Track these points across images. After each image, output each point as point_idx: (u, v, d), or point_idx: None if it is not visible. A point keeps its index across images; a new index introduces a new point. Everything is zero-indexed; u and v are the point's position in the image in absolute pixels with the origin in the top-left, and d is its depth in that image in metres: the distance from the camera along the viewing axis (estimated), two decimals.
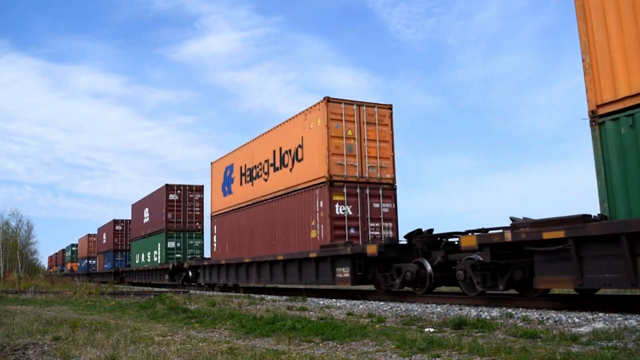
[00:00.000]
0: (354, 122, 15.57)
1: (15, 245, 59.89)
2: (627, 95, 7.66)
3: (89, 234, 58.67)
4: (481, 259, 10.16)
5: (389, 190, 15.71)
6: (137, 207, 37.01)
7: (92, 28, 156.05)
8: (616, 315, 7.85)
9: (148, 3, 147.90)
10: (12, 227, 63.06)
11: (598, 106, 8.15)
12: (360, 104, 15.77)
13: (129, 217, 40.82)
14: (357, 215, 15.08)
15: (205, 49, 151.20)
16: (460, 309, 9.78)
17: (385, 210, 15.50)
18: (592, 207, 8.44)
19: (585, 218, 8.09)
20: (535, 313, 8.52)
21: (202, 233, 30.89)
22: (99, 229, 52.96)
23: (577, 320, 7.58)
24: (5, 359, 6.35)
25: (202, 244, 30.67)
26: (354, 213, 15.07)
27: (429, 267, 12.14)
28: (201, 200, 30.80)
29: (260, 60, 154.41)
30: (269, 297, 16.36)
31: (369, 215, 15.24)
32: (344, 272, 13.89)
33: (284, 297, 15.42)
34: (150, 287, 29.21)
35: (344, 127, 15.41)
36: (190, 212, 30.66)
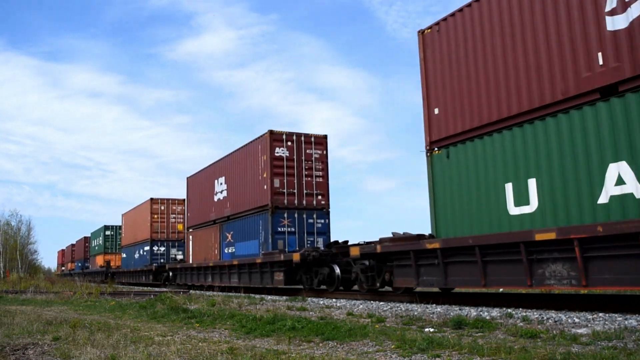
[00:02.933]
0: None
1: (15, 245, 59.86)
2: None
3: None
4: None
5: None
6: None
7: (87, 26, 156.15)
8: (616, 315, 7.86)
9: (143, 1, 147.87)
10: (13, 227, 63.04)
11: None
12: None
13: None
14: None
15: (201, 47, 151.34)
16: (460, 309, 9.78)
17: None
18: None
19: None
20: (535, 313, 8.53)
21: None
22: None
23: (577, 320, 7.58)
24: (5, 359, 6.36)
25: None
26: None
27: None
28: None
29: (256, 58, 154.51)
30: (269, 297, 16.37)
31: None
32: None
33: (284, 297, 15.43)
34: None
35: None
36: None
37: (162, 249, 34.27)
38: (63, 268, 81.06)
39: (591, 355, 4.86)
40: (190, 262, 26.23)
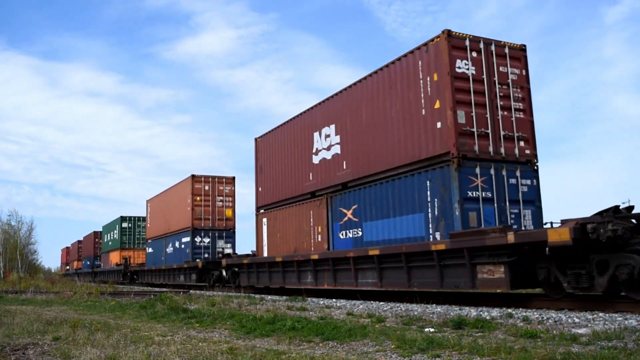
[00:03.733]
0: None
1: (15, 245, 59.82)
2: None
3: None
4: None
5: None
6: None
7: (85, 25, 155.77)
8: (616, 315, 7.86)
9: (141, 0, 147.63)
10: (13, 227, 63.01)
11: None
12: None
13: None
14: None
15: (200, 46, 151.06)
16: (460, 309, 9.78)
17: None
18: (592, 206, 8.61)
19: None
20: (535, 313, 8.53)
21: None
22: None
23: (577, 320, 7.58)
24: (5, 359, 6.35)
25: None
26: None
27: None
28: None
29: (256, 58, 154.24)
30: (269, 297, 16.37)
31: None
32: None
33: (284, 297, 15.43)
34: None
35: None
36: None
37: (207, 240, 26.59)
38: (68, 267, 72.96)
39: (591, 355, 4.86)
40: (265, 254, 18.87)
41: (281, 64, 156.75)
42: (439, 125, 11.54)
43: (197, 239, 26.39)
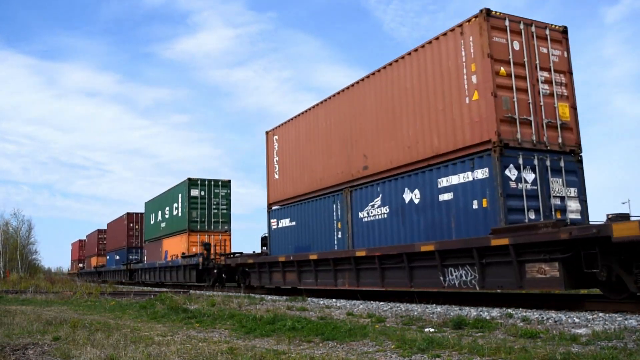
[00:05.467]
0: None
1: (15, 245, 59.79)
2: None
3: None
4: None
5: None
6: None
7: (82, 24, 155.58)
8: (616, 315, 7.86)
9: None
10: (13, 227, 62.98)
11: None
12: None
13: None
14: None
15: (198, 45, 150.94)
16: (460, 309, 9.78)
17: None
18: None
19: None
20: (535, 313, 8.52)
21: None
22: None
23: (577, 320, 7.58)
24: (5, 359, 6.36)
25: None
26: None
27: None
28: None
29: (254, 57, 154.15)
30: (269, 297, 16.37)
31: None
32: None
33: (284, 297, 15.43)
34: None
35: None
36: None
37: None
38: (82, 265, 60.23)
39: (591, 355, 4.86)
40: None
41: (279, 63, 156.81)
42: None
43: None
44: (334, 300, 13.85)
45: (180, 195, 28.37)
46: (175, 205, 29.05)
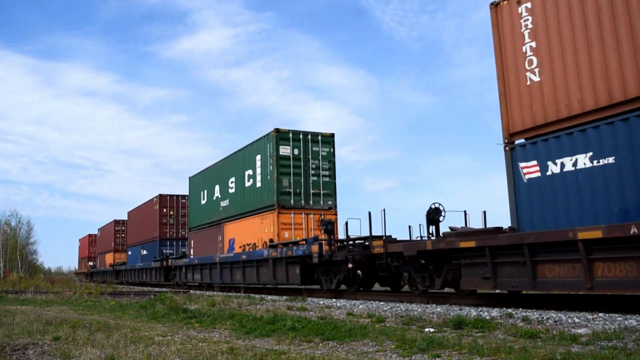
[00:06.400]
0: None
1: (15, 245, 59.81)
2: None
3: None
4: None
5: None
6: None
7: (80, 24, 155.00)
8: (616, 315, 7.86)
9: None
10: (12, 227, 63.00)
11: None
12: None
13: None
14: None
15: (196, 45, 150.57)
16: (460, 309, 9.78)
17: None
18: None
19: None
20: (535, 313, 8.53)
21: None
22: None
23: (577, 320, 7.59)
24: (5, 359, 6.36)
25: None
26: None
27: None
28: None
29: (253, 57, 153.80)
30: (269, 297, 16.37)
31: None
32: None
33: (284, 297, 15.43)
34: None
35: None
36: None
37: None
38: (91, 263, 52.69)
39: (591, 355, 4.86)
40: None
41: (278, 63, 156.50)
42: None
43: None
44: (334, 300, 13.86)
45: (260, 156, 19.14)
46: (249, 172, 20.04)
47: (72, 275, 58.01)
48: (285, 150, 18.19)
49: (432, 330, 7.28)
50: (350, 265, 14.05)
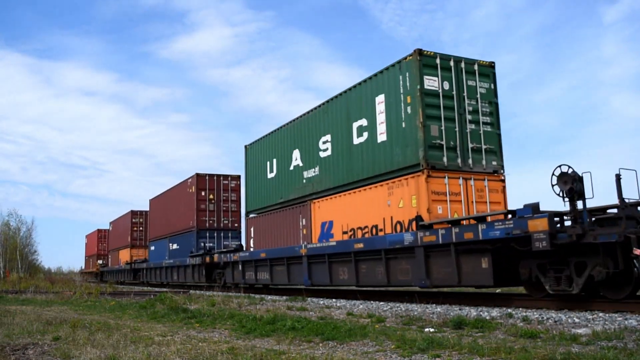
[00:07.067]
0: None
1: (15, 245, 59.74)
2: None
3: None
4: None
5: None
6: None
7: (79, 23, 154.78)
8: (616, 315, 7.86)
9: None
10: (12, 227, 62.90)
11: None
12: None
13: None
14: None
15: (196, 45, 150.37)
16: (460, 309, 9.78)
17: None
18: None
19: None
20: (535, 313, 8.53)
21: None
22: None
23: (577, 320, 7.59)
24: (5, 359, 6.36)
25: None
26: None
27: None
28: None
29: (252, 56, 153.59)
30: (269, 297, 16.37)
31: None
32: None
33: (284, 297, 15.43)
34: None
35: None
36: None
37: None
38: (101, 261, 47.12)
39: (591, 355, 4.86)
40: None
41: (278, 62, 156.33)
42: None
43: None
44: (334, 300, 13.86)
45: (384, 96, 13.46)
46: (360, 123, 14.18)
47: (72, 275, 57.83)
48: (432, 82, 12.42)
49: (432, 330, 7.28)
50: (638, 252, 7.98)
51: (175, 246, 27.85)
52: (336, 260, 14.26)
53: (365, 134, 13.91)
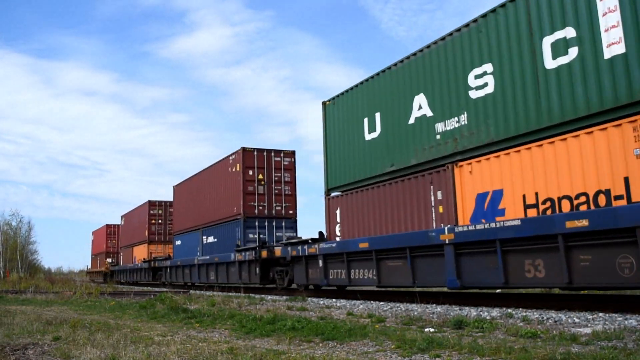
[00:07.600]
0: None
1: (15, 245, 59.78)
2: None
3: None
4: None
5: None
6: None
7: (79, 23, 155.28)
8: (616, 315, 7.86)
9: None
10: (13, 227, 62.95)
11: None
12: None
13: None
14: None
15: (195, 44, 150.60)
16: (460, 309, 9.79)
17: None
18: None
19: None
20: (535, 313, 8.53)
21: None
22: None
23: (577, 320, 7.59)
24: (5, 359, 6.36)
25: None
26: None
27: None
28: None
29: (252, 56, 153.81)
30: (269, 297, 16.36)
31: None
32: None
33: (284, 297, 15.42)
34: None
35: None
36: None
37: None
38: (110, 260, 42.36)
39: (591, 355, 4.86)
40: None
41: (277, 62, 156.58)
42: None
43: None
44: (334, 300, 13.85)
45: None
46: (564, 34, 9.22)
47: (72, 276, 57.81)
48: None
49: (432, 330, 7.28)
50: None
51: (211, 239, 23.52)
52: (518, 249, 9.43)
53: (573, 51, 9.10)
